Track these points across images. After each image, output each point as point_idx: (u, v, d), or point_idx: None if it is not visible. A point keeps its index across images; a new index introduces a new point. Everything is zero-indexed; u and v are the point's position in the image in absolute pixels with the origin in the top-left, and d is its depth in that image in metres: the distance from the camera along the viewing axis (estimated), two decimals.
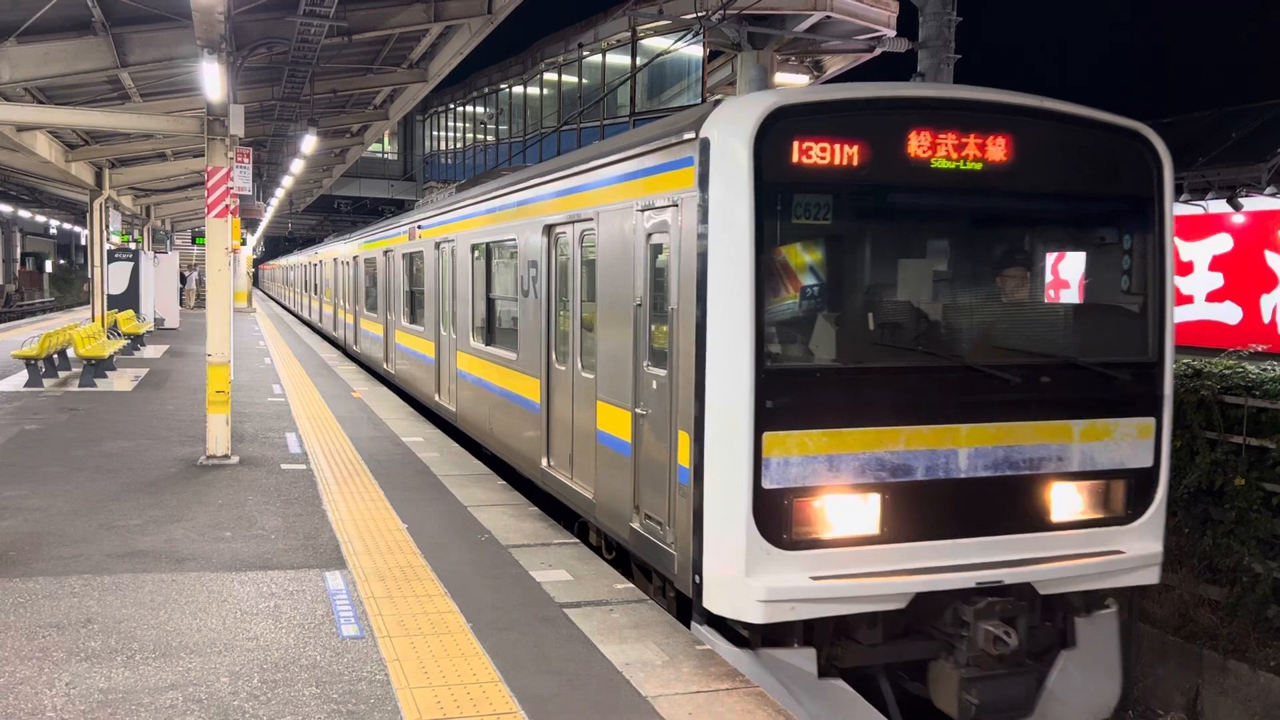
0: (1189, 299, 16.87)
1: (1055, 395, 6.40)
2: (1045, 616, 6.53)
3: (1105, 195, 6.79)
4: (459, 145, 44.30)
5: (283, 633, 6.01)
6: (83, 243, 60.04)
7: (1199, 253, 16.62)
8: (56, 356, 18.46)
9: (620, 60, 28.86)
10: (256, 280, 68.94)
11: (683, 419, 6.23)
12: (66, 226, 59.02)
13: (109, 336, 22.61)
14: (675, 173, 6.43)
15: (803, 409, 5.89)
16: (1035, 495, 6.39)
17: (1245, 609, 8.63)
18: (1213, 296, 16.44)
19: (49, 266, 68.67)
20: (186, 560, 7.44)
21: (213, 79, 11.01)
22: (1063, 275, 9.36)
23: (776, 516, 5.84)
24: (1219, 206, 15.83)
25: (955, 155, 6.15)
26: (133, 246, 31.35)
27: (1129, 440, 6.62)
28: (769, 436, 5.80)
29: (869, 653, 6.20)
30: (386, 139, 50.40)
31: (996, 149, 6.24)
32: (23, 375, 17.64)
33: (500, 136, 38.57)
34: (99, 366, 18.22)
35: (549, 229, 8.94)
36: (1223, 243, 16.34)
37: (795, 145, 5.84)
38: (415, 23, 15.08)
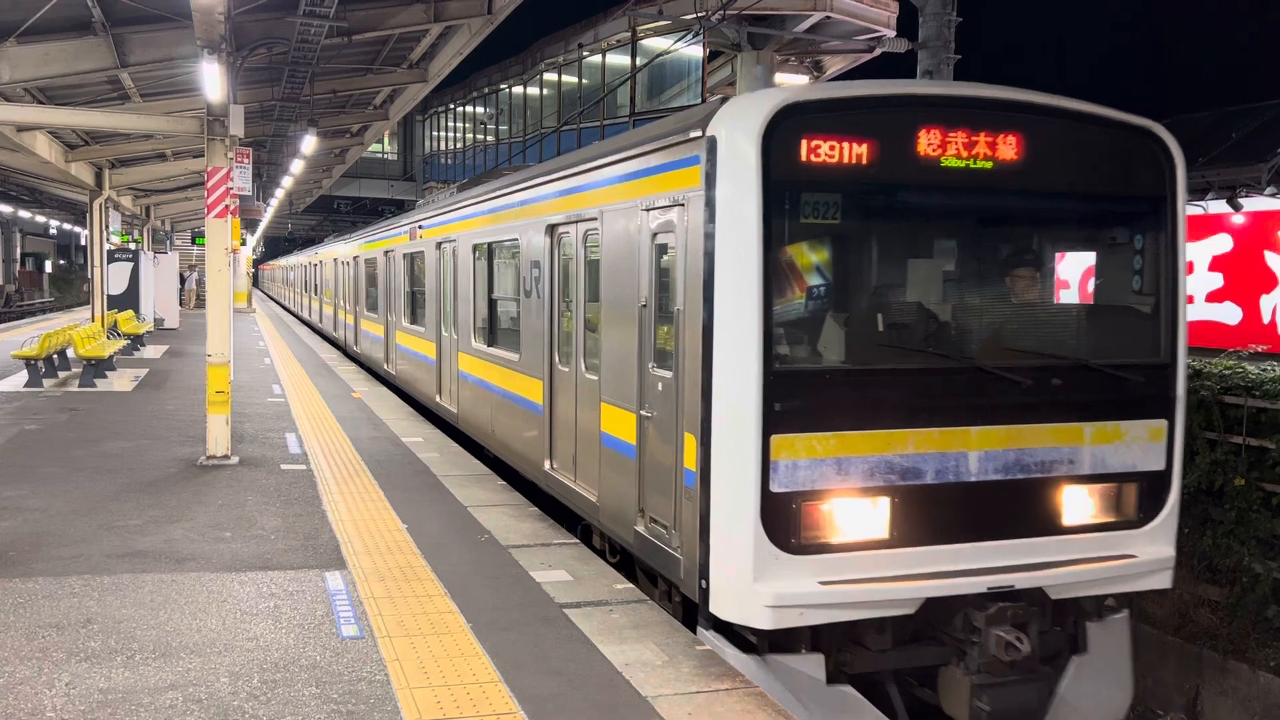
0: (1189, 299, 16.84)
1: (1066, 397, 6.31)
2: (1056, 621, 6.43)
3: (1117, 194, 6.70)
4: (459, 145, 44.31)
5: (282, 633, 6.01)
6: (82, 243, 60.05)
7: (1199, 253, 16.60)
8: (56, 357, 18.46)
9: (620, 60, 28.87)
10: (256, 281, 68.93)
11: (689, 421, 6.16)
12: (66, 227, 59.03)
13: (109, 337, 22.60)
14: (681, 171, 6.35)
15: (811, 411, 5.81)
16: (1046, 499, 6.30)
17: (1245, 609, 8.63)
18: (1212, 297, 16.42)
19: (49, 267, 68.67)
20: (186, 560, 7.44)
21: (213, 79, 11.01)
22: (1074, 275, 9.35)
23: (785, 520, 5.76)
24: (1219, 207, 15.82)
25: (965, 154, 6.07)
26: (132, 247, 31.36)
27: (1141, 443, 6.52)
28: (777, 439, 5.72)
29: (878, 658, 6.12)
30: (386, 139, 50.40)
31: (1007, 147, 6.16)
32: (23, 375, 17.64)
33: (500, 137, 38.59)
34: (99, 367, 18.22)
35: (552, 229, 8.88)
36: (1222, 243, 16.32)
37: (804, 143, 5.76)
38: (415, 23, 15.08)
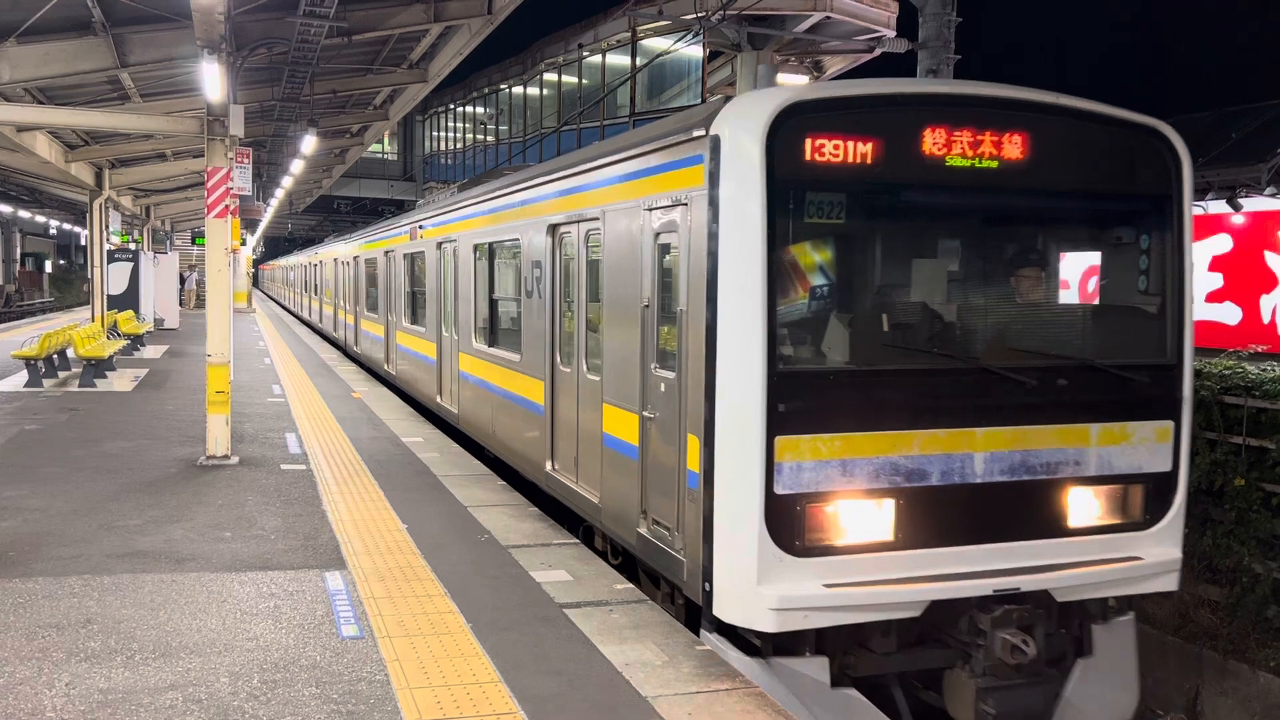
0: None
1: (1072, 398, 6.27)
2: (1061, 624, 6.40)
3: (1123, 193, 6.66)
4: (459, 146, 44.32)
5: (282, 633, 6.00)
6: (82, 243, 60.06)
7: (1199, 253, 16.57)
8: (56, 357, 18.46)
9: (620, 61, 28.88)
10: (256, 281, 68.93)
11: (692, 422, 6.13)
12: (66, 227, 59.05)
13: (109, 337, 22.61)
14: (684, 171, 6.31)
15: (816, 412, 5.76)
16: (1052, 500, 6.26)
17: (1245, 609, 8.63)
18: (1212, 297, 16.42)
19: (49, 267, 68.69)
20: (186, 560, 7.43)
21: (213, 79, 11.01)
22: (1080, 275, 9.32)
23: (789, 522, 5.72)
24: (1219, 207, 15.82)
25: (971, 153, 6.03)
26: (132, 247, 31.37)
27: (1147, 444, 6.48)
28: (781, 441, 5.68)
29: (883, 661, 6.08)
30: (386, 139, 50.41)
31: (1013, 147, 6.11)
32: (23, 375, 17.64)
33: (500, 137, 38.60)
34: (99, 367, 18.22)
35: (553, 229, 8.85)
36: (1222, 243, 16.32)
37: (808, 142, 5.72)
38: (415, 23, 15.08)
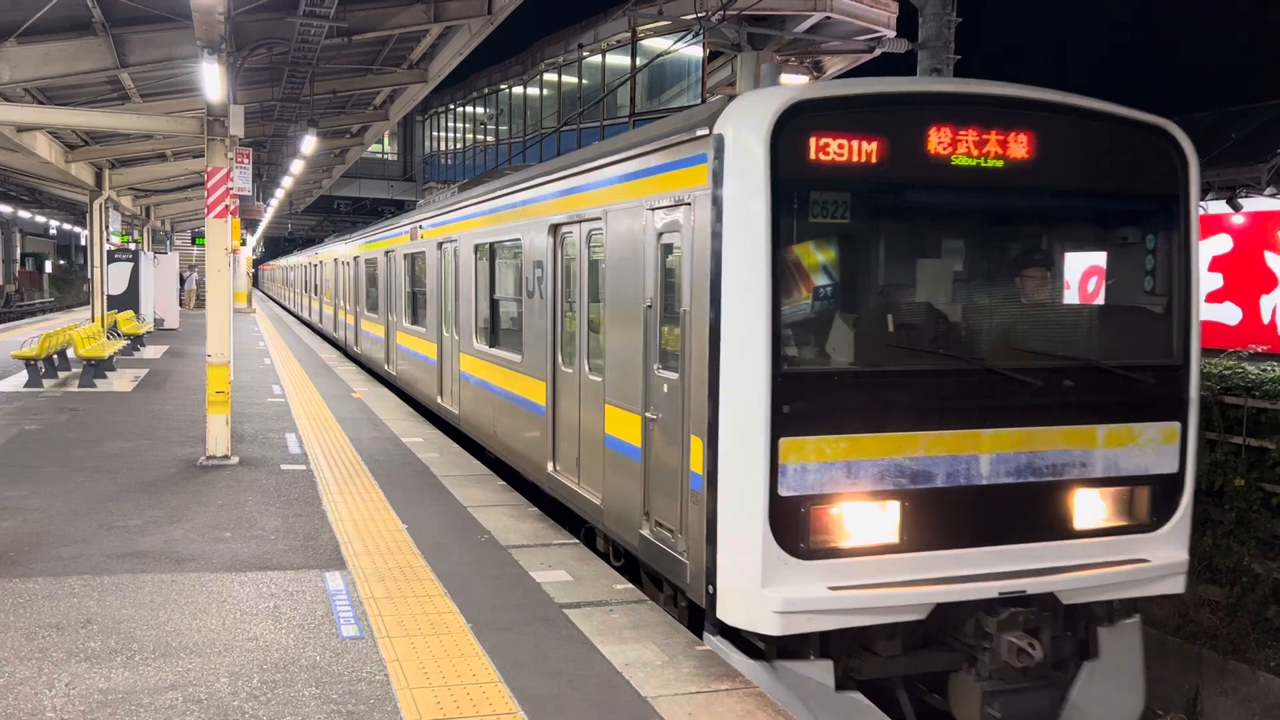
0: None
1: (1078, 399, 6.22)
2: (1067, 626, 6.36)
3: (1129, 193, 6.61)
4: (459, 146, 44.34)
5: (282, 633, 6.00)
6: (82, 243, 60.07)
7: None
8: (56, 357, 18.46)
9: (620, 61, 28.89)
10: (256, 281, 68.95)
11: (695, 423, 6.09)
12: (66, 227, 59.07)
13: (109, 337, 22.60)
14: (687, 170, 6.27)
15: (820, 413, 5.72)
16: (1058, 502, 6.21)
17: (1245, 609, 8.63)
18: (1212, 297, 16.41)
19: (49, 267, 68.71)
20: (186, 561, 7.43)
21: (213, 79, 11.01)
22: (1074, 275, 9.30)
23: (793, 525, 5.68)
24: (1218, 207, 15.82)
25: (976, 152, 5.99)
26: (132, 247, 31.37)
27: (1153, 445, 6.43)
28: (785, 442, 5.64)
29: (888, 665, 6.04)
30: (386, 139, 50.42)
31: (1018, 146, 6.07)
32: (22, 375, 17.64)
33: (500, 137, 38.62)
34: (99, 367, 18.22)
35: (555, 229, 8.81)
36: (1222, 243, 16.32)
37: (812, 141, 5.67)
38: (415, 23, 15.08)
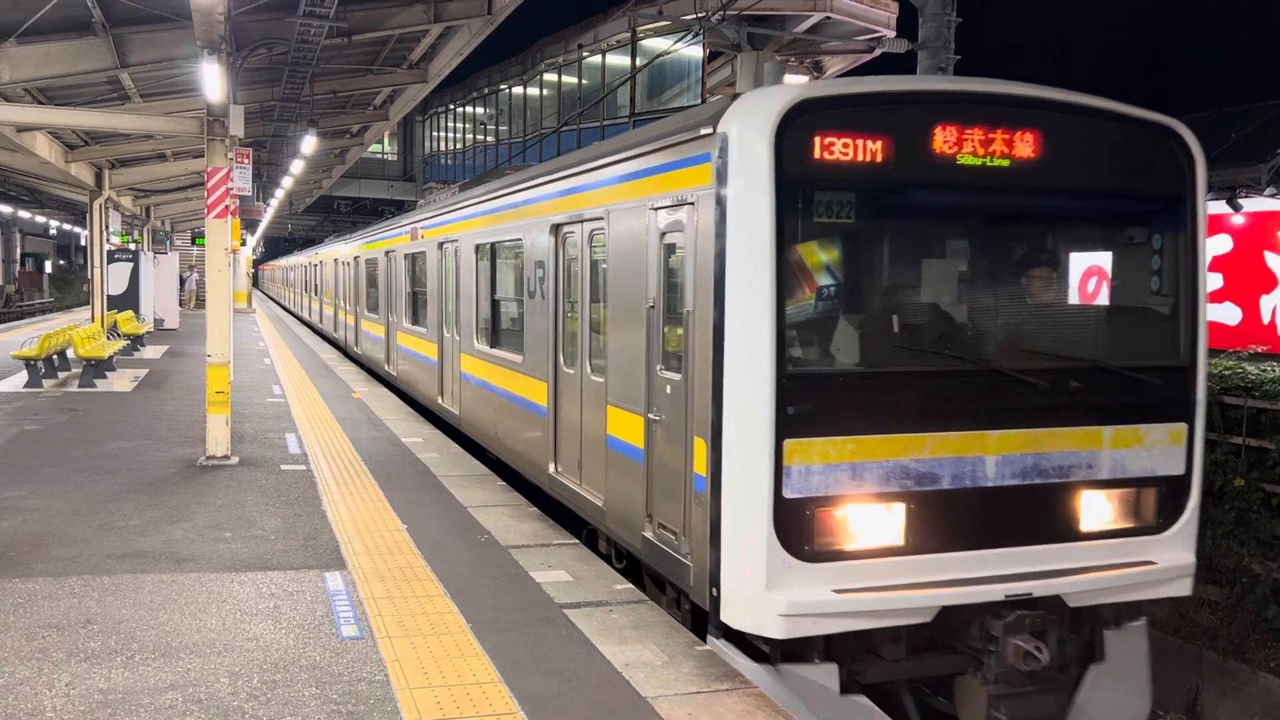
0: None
1: (1085, 400, 6.17)
2: (1073, 629, 6.31)
3: (1136, 193, 6.58)
4: (459, 146, 44.36)
5: (282, 633, 6.00)
6: (82, 243, 60.08)
7: None
8: (56, 357, 18.46)
9: (620, 61, 28.91)
10: (256, 281, 68.96)
11: (699, 425, 6.06)
12: (66, 227, 59.09)
13: (109, 337, 22.61)
14: (691, 169, 6.24)
15: (825, 415, 5.67)
16: (1065, 504, 6.17)
17: (1245, 610, 8.63)
18: (1212, 297, 16.37)
19: (49, 267, 68.72)
20: (186, 561, 7.43)
21: (213, 79, 11.02)
22: (1091, 276, 9.29)
23: (798, 527, 5.63)
24: (1218, 207, 15.82)
25: (982, 151, 5.95)
26: (132, 247, 31.36)
27: (1160, 447, 6.37)
28: (790, 444, 5.59)
29: (893, 668, 5.98)
30: (386, 140, 50.44)
31: (1024, 145, 6.03)
32: (22, 376, 17.64)
33: (500, 137, 38.64)
34: (99, 367, 18.22)
35: (556, 228, 8.78)
36: (1222, 243, 16.32)
37: (817, 140, 5.63)
38: (415, 23, 15.08)
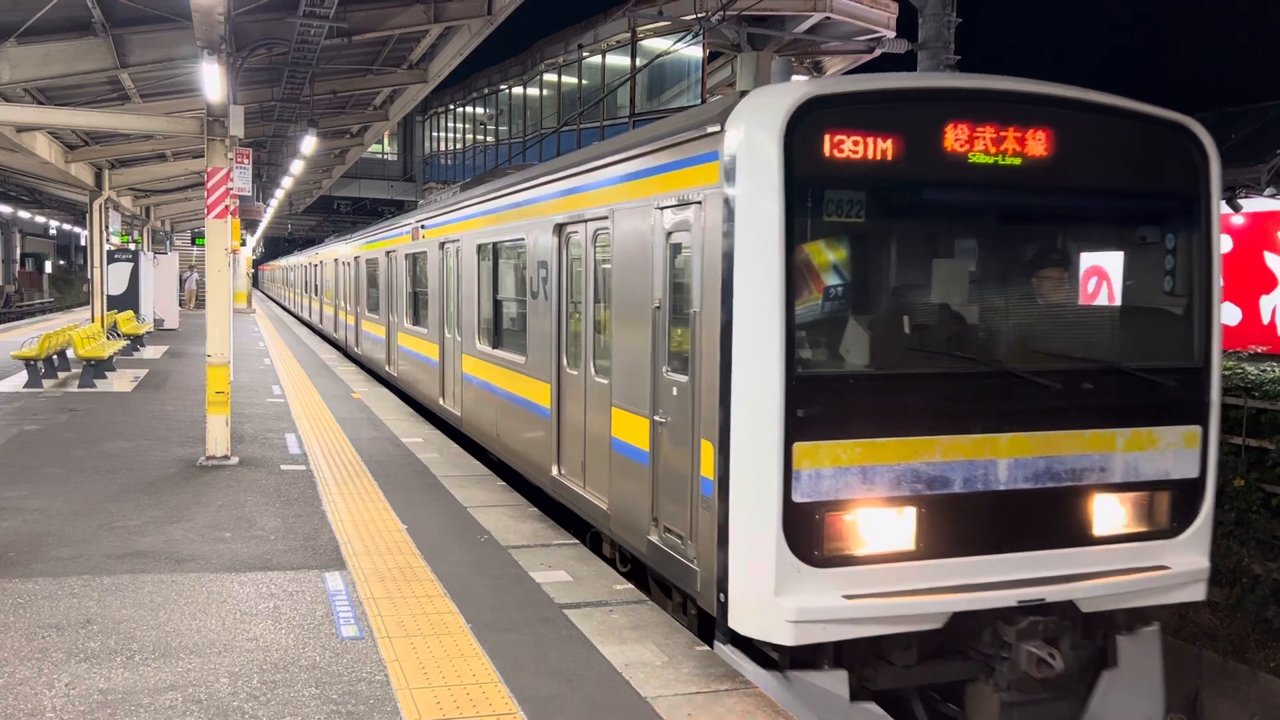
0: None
1: (1098, 402, 6.08)
2: (1086, 634, 6.19)
3: (1149, 192, 6.50)
4: (459, 146, 44.38)
5: (282, 633, 6.00)
6: (82, 243, 60.07)
7: None
8: (56, 357, 18.45)
9: (620, 61, 28.92)
10: (256, 281, 68.96)
11: (706, 427, 5.98)
12: (66, 227, 59.09)
13: (109, 337, 22.60)
14: (698, 168, 6.17)
15: (835, 418, 5.58)
16: (1077, 508, 6.08)
17: (1245, 610, 8.64)
18: None
19: (49, 267, 68.72)
20: (186, 561, 7.43)
21: (212, 80, 11.01)
22: (1105, 276, 9.26)
23: (808, 532, 5.54)
24: None
25: (994, 149, 5.87)
26: (132, 247, 31.35)
27: (1174, 450, 6.28)
28: (800, 447, 5.50)
29: (903, 675, 5.90)
30: (386, 140, 50.43)
31: (1036, 143, 5.93)
32: (22, 376, 17.63)
33: (500, 137, 38.66)
34: (98, 367, 18.22)
35: (560, 228, 8.71)
36: (1222, 244, 16.35)
37: (827, 138, 5.54)
38: (415, 24, 15.07)
